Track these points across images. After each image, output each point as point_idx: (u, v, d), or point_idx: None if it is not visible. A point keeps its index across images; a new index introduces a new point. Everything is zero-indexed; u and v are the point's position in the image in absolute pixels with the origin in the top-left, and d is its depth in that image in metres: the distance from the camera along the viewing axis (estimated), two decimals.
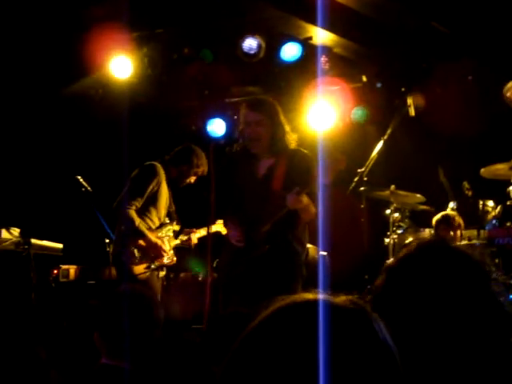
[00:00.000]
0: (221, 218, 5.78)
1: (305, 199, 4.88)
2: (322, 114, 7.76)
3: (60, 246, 6.96)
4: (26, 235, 6.44)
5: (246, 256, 5.00)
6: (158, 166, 6.28)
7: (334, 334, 1.13)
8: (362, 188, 7.25)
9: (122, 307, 3.10)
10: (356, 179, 7.27)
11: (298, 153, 5.10)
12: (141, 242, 6.05)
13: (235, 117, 7.50)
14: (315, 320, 1.14)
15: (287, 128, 5.13)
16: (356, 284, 7.54)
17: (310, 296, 1.21)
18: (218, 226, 6.01)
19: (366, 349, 1.14)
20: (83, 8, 6.84)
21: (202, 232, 6.41)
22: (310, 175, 4.90)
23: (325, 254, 6.59)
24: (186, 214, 6.61)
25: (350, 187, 7.27)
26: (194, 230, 6.49)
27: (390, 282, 1.58)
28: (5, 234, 6.46)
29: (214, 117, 8.02)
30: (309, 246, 6.09)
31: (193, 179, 6.43)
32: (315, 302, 1.18)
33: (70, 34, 7.06)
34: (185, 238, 6.42)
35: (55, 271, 6.85)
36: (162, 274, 6.24)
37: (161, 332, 3.20)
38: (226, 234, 5.36)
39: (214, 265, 5.62)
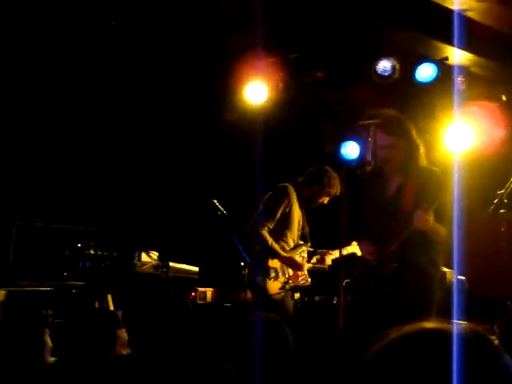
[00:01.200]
0: (355, 240, 5.75)
1: (431, 218, 4.77)
2: (460, 135, 7.57)
3: (196, 269, 7.13)
4: (164, 258, 6.63)
5: (375, 275, 4.94)
6: (290, 187, 6.32)
7: (461, 365, 1.08)
8: (502, 210, 7.00)
9: (253, 335, 3.12)
10: (496, 201, 7.04)
11: (427, 170, 5.01)
12: (275, 261, 6.11)
13: (370, 138, 7.46)
14: (434, 349, 1.10)
15: (419, 146, 5.05)
16: (498, 309, 7.28)
17: (427, 325, 1.17)
18: (353, 248, 5.98)
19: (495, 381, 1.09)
20: (223, 38, 7.05)
21: (337, 254, 6.38)
22: (440, 192, 4.78)
23: (462, 278, 6.40)
24: (321, 236, 6.61)
25: (490, 209, 7.04)
26: (330, 251, 6.46)
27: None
28: (145, 258, 6.69)
29: (348, 140, 7.99)
30: (446, 270, 5.95)
31: (326, 200, 6.42)
32: (431, 331, 1.14)
33: (211, 62, 7.29)
34: (318, 259, 6.41)
35: (193, 293, 7.00)
36: (297, 296, 6.26)
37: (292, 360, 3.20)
38: (360, 256, 5.33)
39: (344, 284, 5.56)
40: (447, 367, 1.09)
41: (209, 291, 7.11)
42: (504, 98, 7.78)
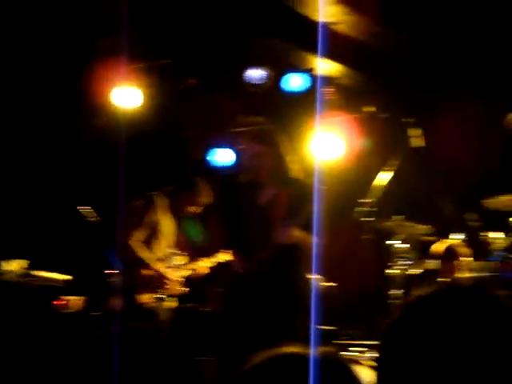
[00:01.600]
0: (229, 248, 5.78)
1: (297, 232, 4.89)
2: (326, 144, 7.76)
3: (65, 277, 6.94)
4: (30, 267, 6.43)
5: (246, 284, 5.00)
6: (159, 196, 6.28)
7: None
8: (367, 218, 7.23)
9: (127, 344, 3.08)
10: (361, 209, 7.26)
11: (299, 182, 5.11)
12: (146, 271, 6.05)
13: (240, 147, 7.52)
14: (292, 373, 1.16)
15: (291, 157, 5.15)
16: (361, 314, 7.51)
17: (289, 350, 1.24)
18: (225, 255, 6.01)
19: None
20: (91, 40, 6.90)
21: (209, 261, 6.39)
22: (310, 205, 4.90)
23: (329, 284, 6.55)
24: (193, 244, 6.60)
25: (355, 217, 7.25)
26: (202, 259, 6.45)
27: (407, 319, 1.49)
28: (8, 266, 6.45)
29: (219, 147, 8.03)
30: (313, 276, 6.08)
31: (197, 209, 6.42)
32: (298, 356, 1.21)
33: (77, 65, 7.11)
34: (192, 267, 6.39)
35: (59, 302, 6.82)
36: (169, 304, 6.20)
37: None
38: (231, 262, 5.37)
39: (216, 294, 5.60)
40: None
41: (76, 300, 6.95)
42: (370, 108, 8.03)
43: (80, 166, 8.02)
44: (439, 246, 6.69)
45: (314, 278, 6.07)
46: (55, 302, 6.82)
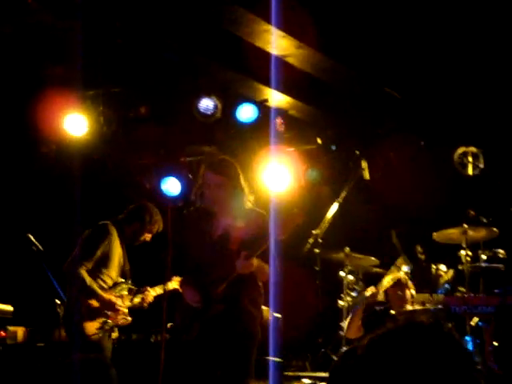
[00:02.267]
0: (179, 278, 5.71)
1: (255, 262, 4.87)
2: (277, 175, 7.79)
3: (10, 308, 6.79)
4: None
5: (201, 317, 4.96)
6: (110, 225, 6.21)
7: None
8: (316, 250, 7.27)
9: (74, 377, 3.01)
10: (311, 240, 7.30)
11: (254, 213, 5.11)
12: (93, 301, 5.95)
13: (190, 176, 7.50)
14: None
15: (246, 189, 5.14)
16: (310, 346, 7.52)
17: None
18: (175, 284, 5.94)
19: None
20: (38, 67, 6.82)
21: (158, 290, 6.30)
22: (266, 235, 4.90)
23: (278, 315, 6.53)
24: (144, 273, 6.52)
25: (305, 248, 7.28)
26: (148, 288, 6.37)
27: (370, 356, 1.52)
28: None
29: (169, 176, 7.98)
30: (264, 308, 6.06)
31: (148, 237, 6.36)
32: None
33: (25, 92, 7.03)
34: (139, 298, 6.30)
35: (2, 333, 6.66)
36: (115, 335, 6.11)
37: None
38: (182, 294, 5.30)
39: (169, 326, 5.53)
40: None
41: (20, 330, 6.79)
42: (319, 140, 8.11)
43: (27, 194, 7.90)
44: (388, 278, 6.75)
45: (267, 310, 6.08)
46: (1, 333, 6.66)
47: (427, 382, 1.43)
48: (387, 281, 6.77)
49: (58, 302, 6.24)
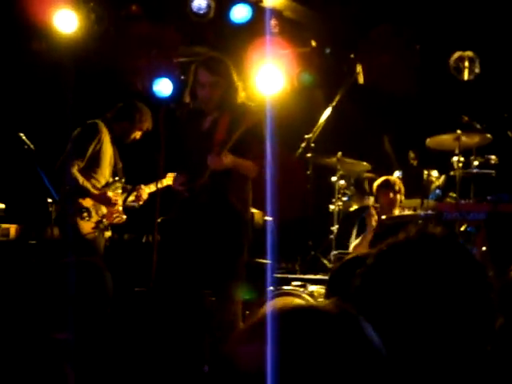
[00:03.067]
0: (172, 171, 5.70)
1: (229, 159, 4.85)
2: (270, 77, 7.68)
3: (1, 205, 6.79)
4: None
5: (188, 207, 4.98)
6: (100, 123, 6.13)
7: (324, 344, 1.10)
8: (308, 154, 7.27)
9: (70, 280, 3.02)
10: (303, 145, 7.28)
11: (244, 106, 5.07)
12: (87, 200, 5.95)
13: (182, 77, 7.40)
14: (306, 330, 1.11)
15: (239, 87, 5.08)
16: (300, 249, 7.60)
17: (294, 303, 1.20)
18: (169, 180, 5.92)
19: (361, 358, 1.12)
20: None
21: (152, 187, 6.26)
22: (255, 129, 4.88)
23: (270, 219, 6.58)
24: (136, 172, 6.50)
25: (297, 153, 7.28)
26: (142, 186, 6.34)
27: (379, 265, 1.49)
28: None
29: (161, 76, 7.87)
30: (254, 210, 6.09)
31: (138, 135, 6.29)
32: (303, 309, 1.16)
33: None
34: (133, 196, 6.29)
35: None
36: (107, 234, 6.13)
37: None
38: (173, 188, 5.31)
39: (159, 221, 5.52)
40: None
41: (12, 227, 6.82)
42: (314, 43, 7.99)
43: (18, 92, 7.78)
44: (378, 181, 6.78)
45: (258, 213, 6.12)
46: None
47: (438, 296, 1.41)
48: (376, 183, 6.81)
49: (50, 200, 6.25)
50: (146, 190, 6.25)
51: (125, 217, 6.16)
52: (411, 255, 1.45)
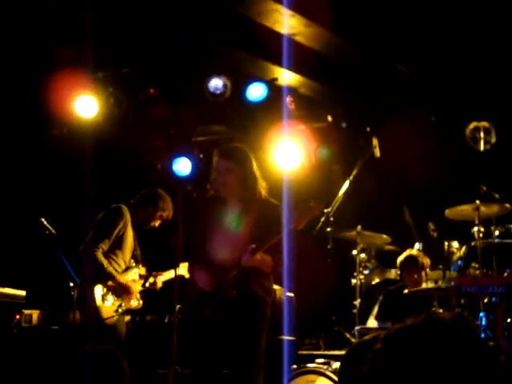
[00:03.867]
0: (186, 261, 5.71)
1: (258, 256, 4.90)
2: (288, 153, 7.77)
3: (23, 292, 6.83)
4: None
5: (213, 300, 4.98)
6: (124, 208, 6.21)
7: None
8: (328, 228, 7.28)
9: (87, 368, 3.04)
10: (322, 219, 7.30)
11: (268, 202, 5.09)
12: (110, 284, 5.97)
13: (201, 156, 7.50)
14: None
15: (258, 176, 5.12)
16: (323, 325, 7.54)
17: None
18: (182, 270, 5.94)
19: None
20: (49, 49, 6.82)
21: (167, 275, 6.32)
22: (280, 226, 4.90)
23: (291, 295, 6.56)
24: (151, 258, 6.54)
25: (317, 227, 7.29)
26: (161, 272, 6.39)
27: (386, 351, 1.49)
28: None
29: (180, 156, 7.98)
30: (275, 287, 6.07)
31: (157, 223, 6.36)
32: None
33: (36, 74, 7.03)
34: (152, 280, 6.32)
35: (17, 316, 6.70)
36: (127, 318, 6.14)
37: None
38: (190, 279, 5.32)
39: (177, 309, 5.53)
40: None
41: (35, 313, 6.82)
42: (330, 118, 8.08)
43: (39, 177, 7.91)
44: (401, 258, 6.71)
45: (279, 289, 6.10)
46: (16, 316, 6.70)
47: (445, 381, 1.40)
48: (399, 260, 6.70)
49: (72, 284, 6.27)
50: (161, 278, 6.29)
51: (142, 302, 6.18)
52: (417, 340, 1.45)
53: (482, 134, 7.20)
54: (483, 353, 1.43)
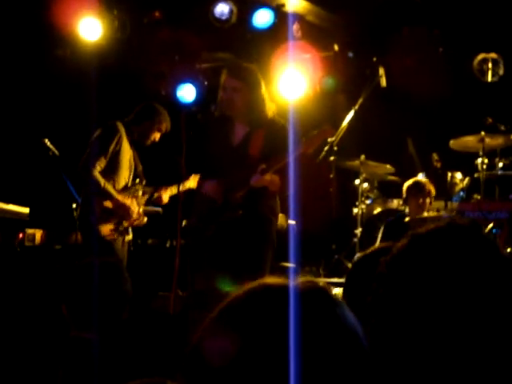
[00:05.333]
0: (197, 176, 5.67)
1: (268, 177, 4.88)
2: (293, 82, 7.69)
3: (26, 210, 6.84)
4: None
5: (218, 218, 4.98)
6: (119, 124, 6.11)
7: (299, 320, 1.16)
8: (331, 157, 7.27)
9: (90, 279, 3.05)
10: (326, 148, 7.28)
11: (276, 123, 5.05)
12: (108, 202, 5.94)
13: (205, 82, 7.44)
14: (281, 306, 1.18)
15: (266, 97, 5.06)
16: (323, 253, 7.60)
17: (274, 281, 1.24)
18: (191, 182, 5.89)
19: (329, 333, 1.19)
20: None
21: (174, 190, 6.22)
22: (287, 150, 4.87)
23: (293, 222, 6.57)
24: (157, 175, 6.50)
25: (320, 156, 7.28)
26: (165, 187, 6.32)
27: (413, 248, 1.52)
28: None
29: (184, 82, 7.90)
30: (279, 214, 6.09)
31: (157, 136, 6.26)
32: (280, 287, 1.22)
33: None
34: (156, 197, 6.28)
35: (21, 235, 6.74)
36: (128, 238, 6.11)
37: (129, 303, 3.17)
38: (197, 191, 5.29)
39: (183, 225, 5.51)
40: (286, 323, 1.16)
41: (38, 232, 6.87)
42: (336, 47, 7.98)
43: (43, 98, 7.87)
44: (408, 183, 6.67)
45: (285, 217, 6.11)
46: (19, 235, 6.74)
47: (466, 284, 1.41)
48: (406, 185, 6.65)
49: (75, 205, 6.28)
50: (168, 193, 6.25)
51: (145, 219, 6.15)
52: (440, 243, 1.48)
53: (489, 65, 7.12)
54: (499, 256, 1.47)
